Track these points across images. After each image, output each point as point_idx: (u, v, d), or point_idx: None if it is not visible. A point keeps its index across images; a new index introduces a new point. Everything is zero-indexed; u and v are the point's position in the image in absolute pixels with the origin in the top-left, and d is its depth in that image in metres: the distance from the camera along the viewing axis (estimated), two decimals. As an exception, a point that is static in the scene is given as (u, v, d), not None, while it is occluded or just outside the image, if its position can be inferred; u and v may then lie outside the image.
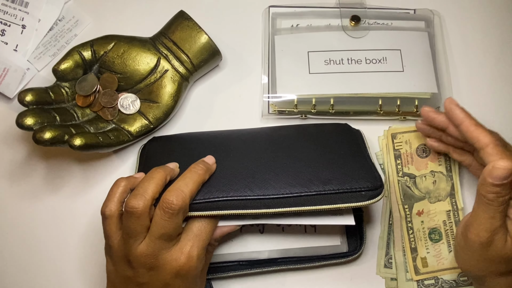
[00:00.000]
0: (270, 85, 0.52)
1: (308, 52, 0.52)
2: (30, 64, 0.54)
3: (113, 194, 0.39)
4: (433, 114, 0.44)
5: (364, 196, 0.40)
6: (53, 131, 0.43)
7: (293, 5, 0.55)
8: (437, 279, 0.47)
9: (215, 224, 0.41)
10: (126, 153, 0.51)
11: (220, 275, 0.46)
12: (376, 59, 0.52)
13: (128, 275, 0.38)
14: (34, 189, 0.51)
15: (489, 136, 0.38)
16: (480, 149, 0.38)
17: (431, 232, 0.47)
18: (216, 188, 0.40)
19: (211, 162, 0.42)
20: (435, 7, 0.56)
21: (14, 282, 0.48)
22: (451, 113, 0.41)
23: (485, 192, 0.37)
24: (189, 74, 0.50)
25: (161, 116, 0.49)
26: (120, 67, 0.49)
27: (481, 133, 0.39)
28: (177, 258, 0.38)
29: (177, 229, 0.38)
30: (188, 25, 0.50)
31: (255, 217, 0.41)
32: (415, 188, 0.49)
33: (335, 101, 0.50)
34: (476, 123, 0.40)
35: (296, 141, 0.46)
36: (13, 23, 0.54)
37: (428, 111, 0.45)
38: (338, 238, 0.46)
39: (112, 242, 0.39)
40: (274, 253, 0.46)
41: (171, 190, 0.37)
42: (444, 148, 0.47)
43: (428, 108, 0.45)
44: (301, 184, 0.40)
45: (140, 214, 0.37)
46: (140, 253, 0.37)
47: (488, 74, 0.54)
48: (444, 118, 0.43)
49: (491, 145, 0.38)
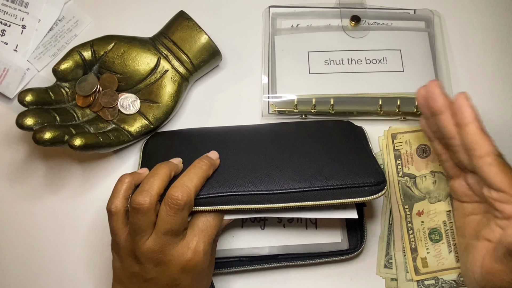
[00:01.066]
0: (270, 85, 0.52)
1: (308, 52, 0.52)
2: (30, 64, 0.54)
3: (118, 190, 0.40)
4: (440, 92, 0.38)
5: (367, 191, 0.41)
6: (53, 131, 0.43)
7: (293, 5, 0.55)
8: (437, 279, 0.47)
9: (220, 218, 0.41)
10: (126, 153, 0.51)
11: (221, 271, 0.46)
12: (376, 59, 0.52)
13: (135, 271, 0.39)
14: (34, 189, 0.51)
15: (492, 146, 0.36)
16: (478, 157, 0.36)
17: (431, 233, 0.47)
18: (220, 183, 0.41)
19: (215, 158, 0.42)
20: (435, 7, 0.56)
21: (15, 282, 0.48)
22: (461, 110, 0.36)
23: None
24: (189, 74, 0.50)
25: (161, 116, 0.49)
26: (120, 67, 0.49)
27: (486, 140, 0.36)
28: (183, 253, 0.38)
29: (183, 224, 0.38)
30: (188, 25, 0.50)
31: (259, 211, 0.41)
32: (415, 188, 0.49)
33: (335, 101, 0.50)
34: (484, 128, 0.37)
35: (299, 137, 0.46)
36: (13, 23, 0.54)
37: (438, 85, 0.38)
38: (339, 235, 0.46)
39: (118, 238, 0.39)
40: (275, 250, 0.46)
41: (176, 186, 0.38)
42: (431, 135, 0.43)
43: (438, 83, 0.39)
44: (304, 180, 0.41)
45: (146, 211, 0.37)
46: (147, 249, 0.37)
47: (488, 74, 0.54)
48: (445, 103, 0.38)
49: (492, 156, 0.36)
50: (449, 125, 0.38)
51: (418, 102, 0.41)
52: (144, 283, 0.39)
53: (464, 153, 0.38)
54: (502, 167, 0.36)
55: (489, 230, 0.38)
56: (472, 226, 0.41)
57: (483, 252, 0.38)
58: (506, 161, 0.37)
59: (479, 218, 0.41)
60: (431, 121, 0.41)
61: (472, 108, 0.36)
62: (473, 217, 0.42)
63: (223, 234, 0.46)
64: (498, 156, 0.36)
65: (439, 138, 0.42)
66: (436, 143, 0.43)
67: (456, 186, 0.43)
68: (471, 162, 0.37)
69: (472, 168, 0.38)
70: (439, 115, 0.38)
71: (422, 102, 0.40)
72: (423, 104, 0.40)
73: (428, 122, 0.42)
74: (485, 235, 0.39)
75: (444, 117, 0.38)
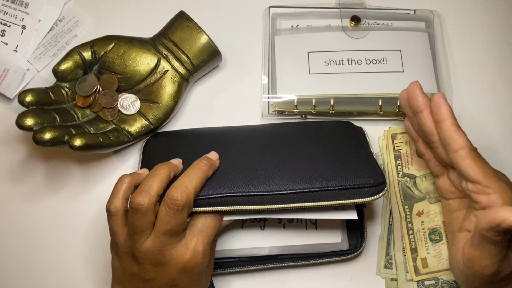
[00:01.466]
0: (270, 85, 0.52)
1: (308, 53, 0.52)
2: (30, 65, 0.54)
3: (118, 190, 0.40)
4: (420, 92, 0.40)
5: (367, 192, 0.41)
6: (53, 132, 0.43)
7: (293, 6, 0.55)
8: (437, 279, 0.47)
9: (220, 219, 0.41)
10: (126, 153, 0.52)
11: (221, 271, 0.46)
12: (376, 59, 0.52)
13: (134, 271, 0.39)
14: (34, 189, 0.51)
15: (466, 140, 0.38)
16: (454, 151, 0.38)
17: (431, 233, 0.47)
18: (219, 184, 0.41)
19: (215, 158, 0.43)
20: (435, 8, 0.56)
21: (15, 282, 0.48)
22: (438, 107, 0.38)
23: (491, 235, 0.35)
24: (189, 74, 0.50)
25: (161, 116, 0.49)
26: (120, 68, 0.49)
27: (460, 135, 0.38)
28: (182, 253, 0.38)
29: (182, 225, 0.38)
30: (188, 26, 0.50)
31: (259, 212, 0.42)
32: (415, 189, 0.49)
33: (335, 101, 0.50)
34: (458, 124, 0.39)
35: (299, 138, 0.46)
36: (13, 23, 0.54)
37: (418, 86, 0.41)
38: (339, 236, 0.46)
39: (117, 238, 0.39)
40: (275, 250, 0.46)
41: (176, 187, 0.38)
42: (415, 135, 0.44)
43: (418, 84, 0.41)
44: (304, 181, 0.41)
45: (145, 211, 0.37)
46: (146, 249, 0.38)
47: (488, 74, 0.54)
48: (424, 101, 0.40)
49: (466, 149, 0.37)
50: (428, 122, 0.40)
51: (401, 104, 0.43)
52: (143, 283, 0.39)
53: (442, 148, 0.40)
54: (476, 159, 0.37)
55: (468, 221, 0.40)
56: (458, 221, 0.42)
57: (463, 242, 0.39)
58: (480, 154, 0.39)
59: (464, 213, 0.42)
60: (413, 121, 0.43)
61: (447, 106, 0.38)
62: (458, 213, 0.42)
63: (223, 234, 0.46)
64: (472, 150, 0.38)
65: (422, 137, 0.44)
66: (420, 143, 0.44)
67: (440, 183, 0.44)
68: (448, 156, 0.39)
69: (450, 162, 0.40)
70: (419, 113, 0.40)
71: (404, 103, 0.42)
72: (405, 105, 0.42)
73: (411, 121, 0.43)
74: (465, 226, 0.40)
75: (423, 115, 0.40)
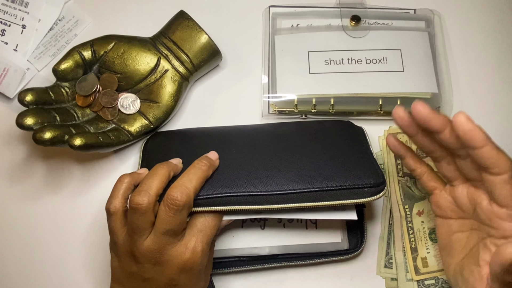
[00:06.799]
0: (270, 85, 0.52)
1: (308, 52, 0.52)
2: (30, 64, 0.53)
3: (117, 190, 0.40)
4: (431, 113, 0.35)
5: (367, 193, 0.41)
6: (53, 131, 0.43)
7: (293, 5, 0.55)
8: (437, 279, 0.47)
9: (219, 219, 0.41)
10: (126, 153, 0.51)
11: (221, 271, 0.46)
12: (376, 59, 0.52)
13: (133, 271, 0.39)
14: (34, 189, 0.51)
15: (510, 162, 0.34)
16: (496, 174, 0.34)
17: (431, 232, 0.47)
18: (219, 184, 0.41)
19: (214, 158, 0.42)
20: (435, 7, 0.56)
21: (15, 282, 0.48)
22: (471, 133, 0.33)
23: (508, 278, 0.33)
24: (189, 74, 0.50)
25: (161, 116, 0.49)
26: (120, 67, 0.49)
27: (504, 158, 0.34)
28: (181, 253, 0.38)
29: (182, 224, 0.38)
30: (188, 25, 0.50)
31: (258, 212, 0.42)
32: (416, 188, 0.49)
33: (335, 101, 0.50)
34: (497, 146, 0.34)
35: (299, 137, 0.46)
36: (13, 23, 0.54)
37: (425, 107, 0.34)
38: (339, 235, 0.46)
39: (117, 238, 0.39)
40: (275, 249, 0.46)
41: (176, 186, 0.38)
42: (403, 151, 0.42)
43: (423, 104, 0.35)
44: (304, 181, 0.41)
45: (145, 211, 0.37)
46: (146, 249, 0.38)
47: (488, 74, 0.54)
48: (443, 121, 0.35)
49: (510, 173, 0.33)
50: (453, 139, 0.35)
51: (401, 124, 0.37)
52: (142, 282, 0.39)
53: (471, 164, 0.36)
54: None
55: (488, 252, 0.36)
56: (460, 244, 0.39)
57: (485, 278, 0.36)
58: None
59: (467, 236, 0.39)
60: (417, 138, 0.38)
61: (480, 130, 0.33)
62: (459, 235, 0.40)
63: (223, 234, 0.46)
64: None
65: (410, 151, 0.41)
66: (408, 159, 0.42)
67: (440, 200, 0.40)
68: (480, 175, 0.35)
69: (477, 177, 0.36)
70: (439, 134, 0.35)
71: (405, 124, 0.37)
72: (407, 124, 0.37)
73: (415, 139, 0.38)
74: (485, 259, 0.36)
75: (445, 135, 0.35)
